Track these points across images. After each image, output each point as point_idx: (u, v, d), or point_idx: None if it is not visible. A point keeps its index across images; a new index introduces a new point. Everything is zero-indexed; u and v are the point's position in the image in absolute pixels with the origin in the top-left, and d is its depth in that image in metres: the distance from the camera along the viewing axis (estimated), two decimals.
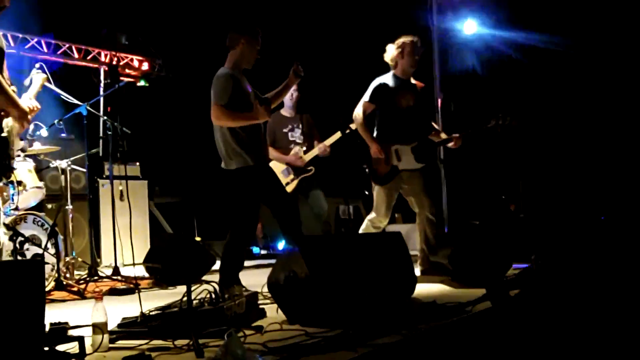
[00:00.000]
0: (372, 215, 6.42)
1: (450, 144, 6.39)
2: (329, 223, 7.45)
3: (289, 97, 7.22)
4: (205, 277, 6.50)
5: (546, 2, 9.25)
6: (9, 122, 4.27)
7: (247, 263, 8.73)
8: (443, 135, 6.48)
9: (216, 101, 5.22)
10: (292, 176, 7.20)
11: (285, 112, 7.47)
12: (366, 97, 6.39)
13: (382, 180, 6.30)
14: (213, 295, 3.95)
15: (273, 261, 4.96)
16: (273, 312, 4.34)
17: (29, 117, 4.41)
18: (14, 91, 4.35)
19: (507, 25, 9.33)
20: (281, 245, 9.14)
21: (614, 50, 9.07)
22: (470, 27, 9.39)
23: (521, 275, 5.00)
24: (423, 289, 5.31)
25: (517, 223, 6.63)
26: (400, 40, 6.40)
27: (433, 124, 6.61)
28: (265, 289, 4.45)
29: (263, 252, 10.08)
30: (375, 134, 6.40)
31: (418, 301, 4.57)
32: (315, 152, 7.33)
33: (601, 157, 9.17)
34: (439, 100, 8.45)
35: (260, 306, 4.42)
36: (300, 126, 7.38)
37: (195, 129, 6.74)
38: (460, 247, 5.64)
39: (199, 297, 3.99)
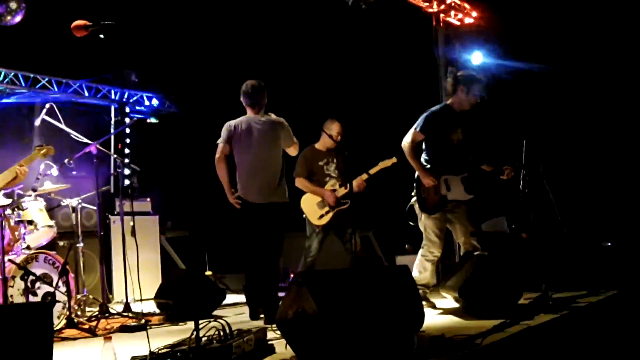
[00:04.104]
0: (423, 248, 6.37)
1: (502, 176, 6.35)
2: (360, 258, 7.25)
3: (332, 137, 6.97)
4: (215, 312, 6.54)
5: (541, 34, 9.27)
6: None
7: None
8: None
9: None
10: (327, 208, 7.05)
11: (321, 146, 7.35)
12: (417, 126, 6.30)
13: (431, 209, 6.25)
14: (221, 333, 3.97)
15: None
16: (282, 348, 4.34)
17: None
18: None
19: (510, 56, 9.38)
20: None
21: None
22: (477, 58, 9.47)
23: None
24: (432, 322, 5.31)
25: (528, 252, 6.59)
26: (469, 74, 6.35)
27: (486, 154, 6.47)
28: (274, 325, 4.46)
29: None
30: (425, 164, 6.36)
31: (426, 334, 4.56)
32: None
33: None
34: None
35: (269, 342, 4.43)
36: (335, 161, 7.25)
37: (206, 163, 6.75)
38: (472, 278, 5.60)
39: (208, 335, 4.01)
